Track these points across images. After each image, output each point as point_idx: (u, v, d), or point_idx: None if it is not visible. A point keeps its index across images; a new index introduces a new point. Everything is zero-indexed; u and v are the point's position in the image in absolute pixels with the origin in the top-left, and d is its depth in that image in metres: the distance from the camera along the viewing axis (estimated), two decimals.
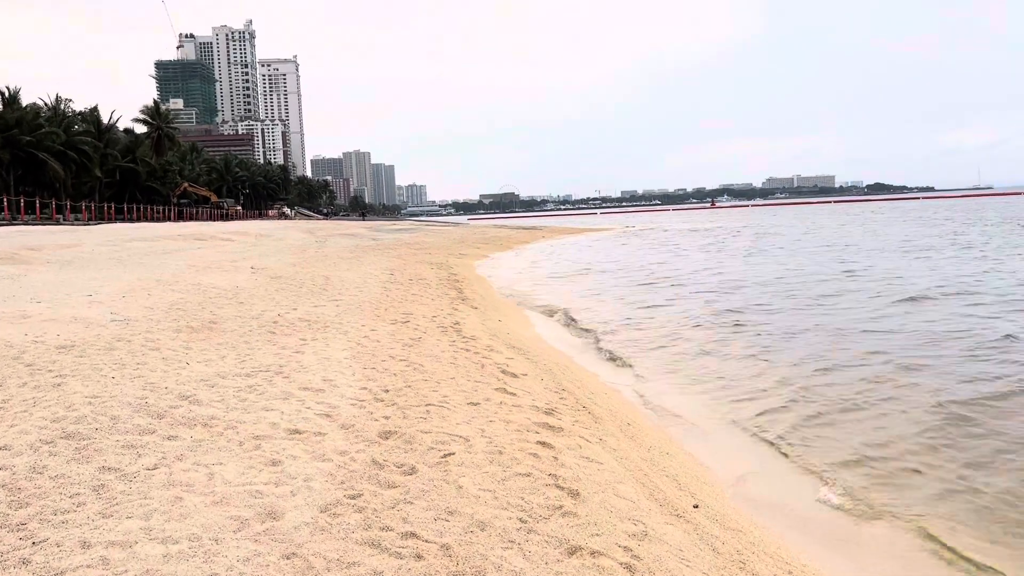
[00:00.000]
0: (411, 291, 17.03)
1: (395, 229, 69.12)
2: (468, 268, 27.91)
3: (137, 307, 12.14)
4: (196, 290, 14.83)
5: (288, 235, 42.93)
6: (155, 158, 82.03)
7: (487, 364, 8.81)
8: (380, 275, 20.52)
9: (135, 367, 7.41)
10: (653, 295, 20.12)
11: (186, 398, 6.20)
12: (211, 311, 11.88)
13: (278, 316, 11.63)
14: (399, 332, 10.91)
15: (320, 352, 8.85)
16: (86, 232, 33.38)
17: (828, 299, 17.49)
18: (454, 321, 12.69)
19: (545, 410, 6.83)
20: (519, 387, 7.78)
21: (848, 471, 6.37)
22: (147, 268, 19.08)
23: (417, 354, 9.15)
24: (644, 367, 11.00)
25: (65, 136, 64.31)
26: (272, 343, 9.39)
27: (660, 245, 47.96)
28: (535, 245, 52.34)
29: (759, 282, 21.80)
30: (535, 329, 14.67)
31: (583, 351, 12.64)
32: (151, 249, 25.72)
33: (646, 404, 8.56)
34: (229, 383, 6.91)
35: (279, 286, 16.26)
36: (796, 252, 34.10)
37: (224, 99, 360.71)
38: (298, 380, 7.18)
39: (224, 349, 8.83)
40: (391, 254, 31.39)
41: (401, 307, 14.05)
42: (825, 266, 26.24)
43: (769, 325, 14.09)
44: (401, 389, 7.15)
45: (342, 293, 15.59)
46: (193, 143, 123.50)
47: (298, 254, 27.94)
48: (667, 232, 70.35)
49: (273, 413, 5.95)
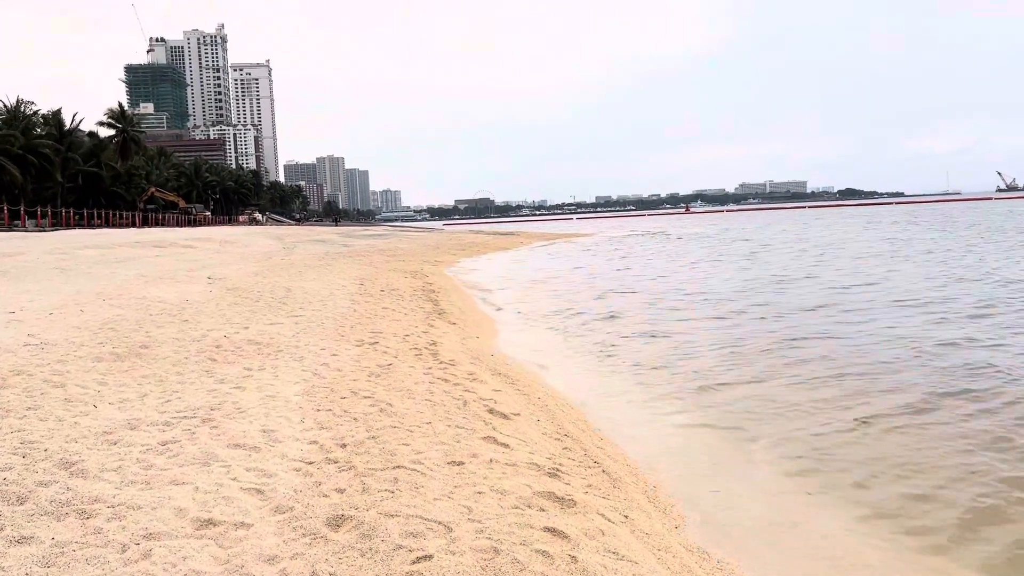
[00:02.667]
0: (382, 304, 15.44)
1: (368, 235, 67.26)
2: (444, 277, 26.32)
3: (62, 327, 10.46)
4: (138, 305, 13.15)
5: (255, 241, 41.03)
6: (120, 162, 79.52)
7: (470, 400, 7.28)
8: (349, 285, 18.90)
9: (22, 414, 5.79)
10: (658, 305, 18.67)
11: (69, 466, 4.61)
12: (147, 332, 10.23)
13: (223, 338, 10.00)
14: (366, 357, 9.35)
15: (266, 386, 7.27)
16: (36, 239, 31.36)
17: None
18: (430, 341, 11.15)
19: (549, 470, 5.32)
20: (512, 433, 6.26)
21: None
22: (91, 279, 17.32)
23: (386, 387, 7.59)
24: (652, 387, 9.50)
25: (24, 139, 61.82)
26: (209, 374, 7.79)
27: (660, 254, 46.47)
28: (514, 252, 50.78)
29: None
30: (521, 336, 13.15)
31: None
32: (102, 258, 23.85)
33: (668, 452, 7.05)
34: (138, 438, 5.32)
35: (234, 299, 14.61)
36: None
37: (196, 104, 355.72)
38: (229, 431, 5.60)
39: (148, 383, 7.22)
40: (362, 262, 29.71)
41: (370, 324, 12.47)
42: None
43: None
44: (363, 442, 5.60)
45: (304, 307, 13.97)
46: (161, 147, 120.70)
47: (262, 262, 26.20)
48: (674, 237, 67.96)
49: (183, 490, 4.37)
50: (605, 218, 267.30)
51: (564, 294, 21.92)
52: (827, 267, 27.04)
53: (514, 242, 63.74)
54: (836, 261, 29.75)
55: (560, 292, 22.54)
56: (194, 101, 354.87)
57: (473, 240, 63.46)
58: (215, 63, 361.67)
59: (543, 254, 47.16)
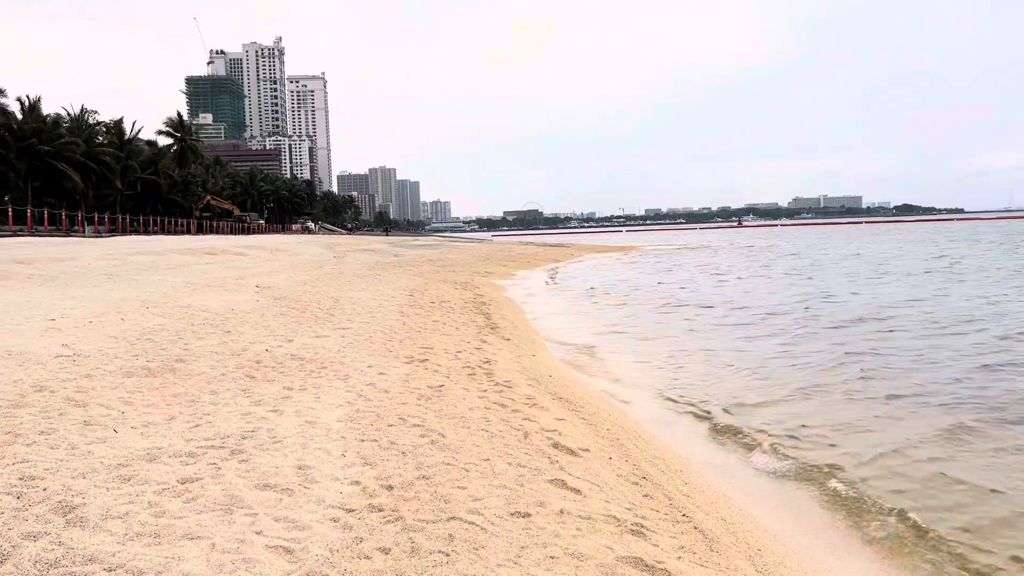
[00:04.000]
0: (432, 317, 14.73)
1: (418, 245, 67.06)
2: (495, 288, 25.56)
3: (100, 337, 9.94)
4: (181, 314, 12.64)
5: (306, 250, 40.90)
6: (177, 170, 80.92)
7: (532, 431, 6.44)
8: (398, 296, 18.25)
9: (31, 439, 5.15)
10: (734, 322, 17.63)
11: (68, 512, 3.90)
12: (185, 344, 9.64)
13: (265, 352, 9.35)
14: (415, 376, 8.59)
15: (305, 410, 6.54)
16: (91, 245, 31.53)
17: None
18: (483, 358, 10.35)
19: (631, 526, 4.46)
20: (581, 474, 5.41)
21: None
22: (138, 286, 16.98)
23: (438, 413, 6.81)
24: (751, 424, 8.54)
25: (85, 147, 63.12)
26: (246, 394, 7.10)
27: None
28: (566, 264, 49.87)
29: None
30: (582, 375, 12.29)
31: (648, 401, 10.19)
32: (152, 264, 23.69)
33: (765, 503, 6.07)
34: (155, 473, 4.61)
35: (280, 309, 14.04)
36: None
37: (252, 114, 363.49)
38: (260, 467, 4.87)
39: (178, 404, 6.55)
40: (412, 272, 29.15)
41: (420, 338, 11.74)
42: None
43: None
44: (412, 483, 4.81)
45: (352, 319, 13.32)
46: (217, 156, 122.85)
47: (312, 271, 25.80)
48: (725, 250, 66.91)
49: (198, 547, 3.62)
50: (655, 231, 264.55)
51: (623, 308, 20.98)
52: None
53: (564, 254, 62.84)
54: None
55: (619, 306, 21.60)
56: (251, 112, 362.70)
57: (523, 252, 62.73)
58: (272, 75, 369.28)
59: (596, 266, 46.18)
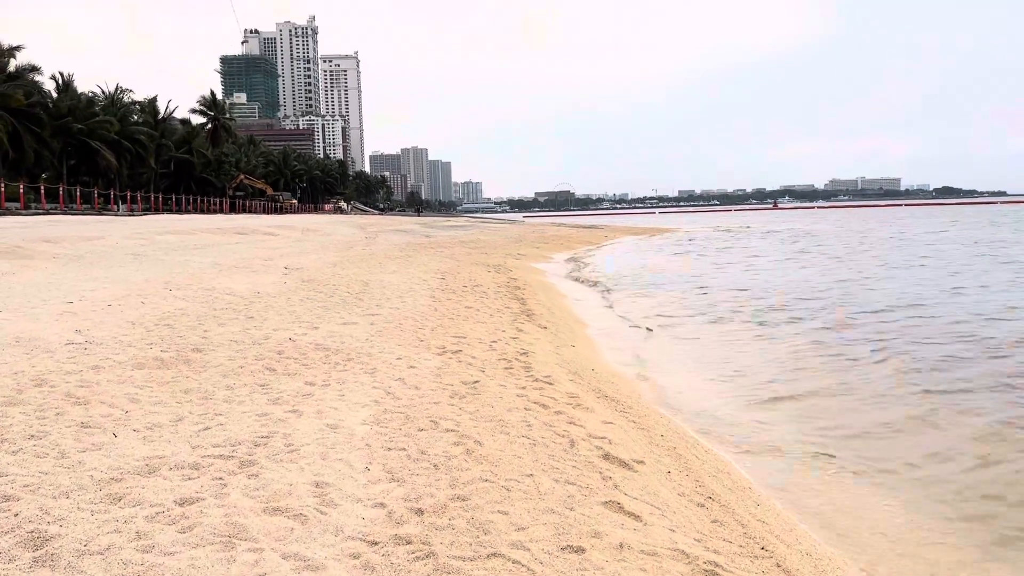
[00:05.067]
0: (465, 302, 14.07)
1: (449, 226, 66.48)
2: (530, 272, 24.84)
3: (116, 322, 9.43)
4: (204, 297, 12.13)
5: (337, 230, 40.49)
6: (211, 149, 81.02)
7: (578, 438, 5.75)
8: (430, 280, 17.62)
9: (18, 445, 4.57)
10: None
11: (39, 546, 3.29)
12: (205, 330, 9.08)
13: (289, 340, 8.75)
14: (448, 369, 7.94)
15: (327, 411, 5.91)
16: (122, 223, 31.39)
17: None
18: (520, 349, 9.67)
19: (704, 566, 3.75)
20: (639, 494, 4.70)
21: None
22: (164, 266, 16.55)
23: (473, 415, 6.14)
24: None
25: (120, 126, 63.23)
26: (264, 389, 6.49)
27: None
28: (600, 247, 48.95)
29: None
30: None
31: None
32: (181, 244, 23.32)
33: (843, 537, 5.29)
34: (150, 492, 4.00)
35: (307, 292, 13.48)
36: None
37: (286, 94, 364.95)
38: (271, 484, 4.23)
39: (189, 401, 5.96)
40: (444, 253, 28.53)
41: (452, 326, 11.09)
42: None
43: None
44: (445, 505, 4.14)
45: (381, 304, 12.71)
46: (251, 135, 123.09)
47: (342, 252, 25.29)
48: (769, 233, 65.14)
49: None
50: (689, 212, 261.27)
51: (666, 293, 20.17)
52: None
53: (598, 236, 61.83)
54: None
55: (661, 291, 20.79)
56: (285, 91, 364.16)
57: (556, 233, 61.87)
58: (306, 55, 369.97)
59: (632, 249, 45.22)
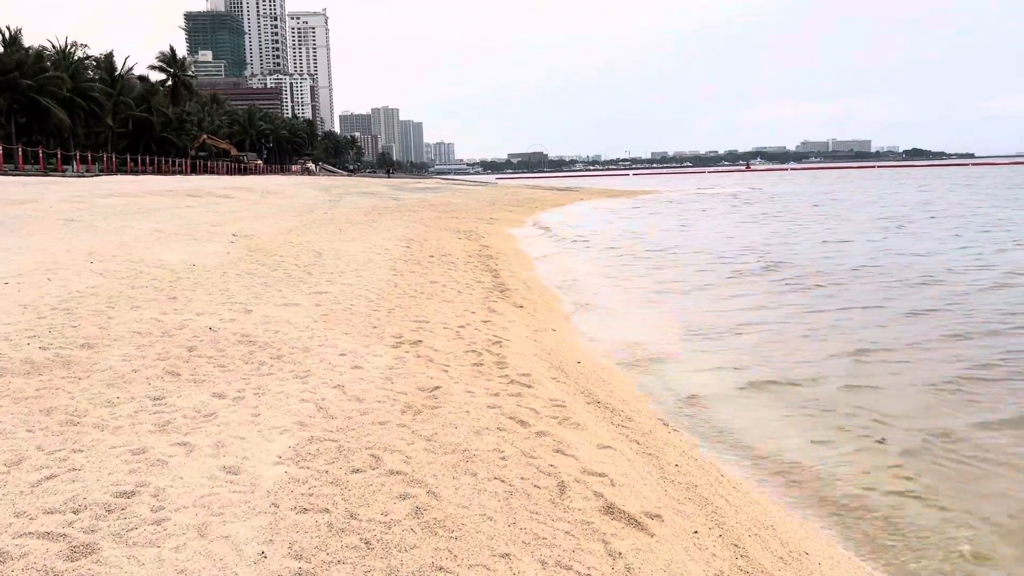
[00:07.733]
0: (430, 275, 12.52)
1: (420, 188, 64.42)
2: (503, 238, 23.26)
3: (5, 305, 7.79)
4: (128, 272, 10.45)
5: (300, 192, 38.47)
6: (171, 108, 77.74)
7: (568, 477, 4.28)
8: (393, 248, 16.01)
9: None
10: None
11: None
12: (108, 318, 7.46)
13: (209, 330, 7.17)
14: (403, 369, 6.42)
15: (232, 440, 4.38)
16: (64, 185, 29.23)
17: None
18: (492, 336, 8.18)
19: None
20: None
21: None
22: (95, 234, 14.79)
23: (429, 443, 4.64)
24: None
25: (72, 82, 59.97)
26: (156, 407, 4.94)
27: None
28: (574, 208, 47.39)
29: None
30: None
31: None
32: (124, 208, 21.42)
33: None
34: None
35: (250, 265, 11.84)
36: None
37: (253, 52, 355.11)
38: None
39: (43, 430, 4.40)
40: (411, 218, 26.82)
41: (414, 306, 9.56)
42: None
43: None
44: None
45: (332, 279, 11.12)
46: (214, 94, 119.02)
47: (302, 216, 23.51)
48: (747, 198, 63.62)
49: None
50: (662, 174, 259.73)
51: (650, 260, 18.75)
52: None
53: (573, 198, 60.26)
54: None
55: (644, 258, 19.37)
56: (251, 50, 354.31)
57: (530, 195, 60.22)
58: (272, 11, 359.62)
59: (608, 212, 43.73)
